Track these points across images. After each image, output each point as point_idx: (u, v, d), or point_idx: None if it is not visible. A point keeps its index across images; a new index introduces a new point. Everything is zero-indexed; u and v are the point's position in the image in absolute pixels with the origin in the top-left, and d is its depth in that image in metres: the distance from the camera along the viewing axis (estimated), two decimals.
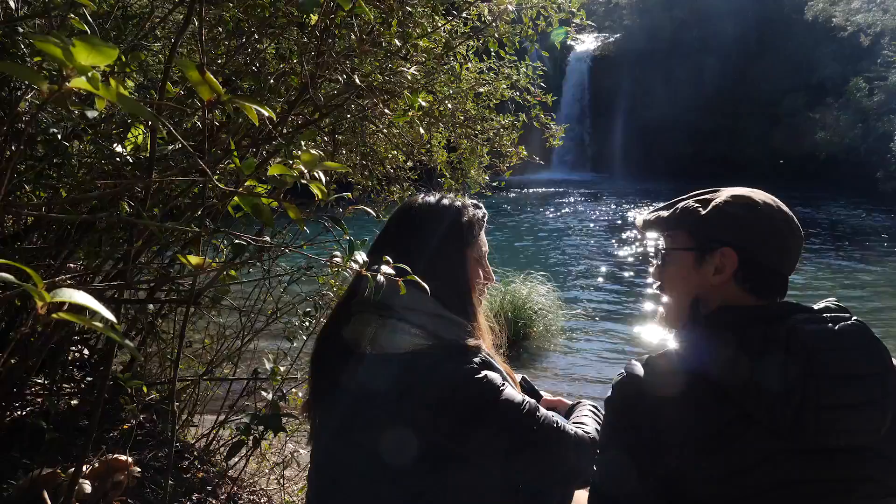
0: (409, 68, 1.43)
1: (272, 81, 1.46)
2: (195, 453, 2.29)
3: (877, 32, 19.90)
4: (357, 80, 1.20)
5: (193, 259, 1.10)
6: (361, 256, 0.90)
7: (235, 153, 0.99)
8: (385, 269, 0.91)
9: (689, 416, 1.08)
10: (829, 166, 20.83)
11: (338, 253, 0.91)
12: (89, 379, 2.39)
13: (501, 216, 16.17)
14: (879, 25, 19.86)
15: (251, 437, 1.52)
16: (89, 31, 0.93)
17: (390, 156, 2.81)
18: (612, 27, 26.81)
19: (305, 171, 0.81)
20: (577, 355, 6.41)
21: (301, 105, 1.35)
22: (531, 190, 21.24)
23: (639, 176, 23.92)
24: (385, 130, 2.67)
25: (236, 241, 1.04)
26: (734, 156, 23.06)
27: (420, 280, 1.02)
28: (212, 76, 0.61)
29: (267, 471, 2.35)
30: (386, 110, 1.17)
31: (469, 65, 2.81)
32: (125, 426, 1.91)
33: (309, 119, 1.40)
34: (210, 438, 2.38)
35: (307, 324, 2.35)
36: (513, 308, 6.28)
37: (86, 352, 2.60)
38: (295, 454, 2.38)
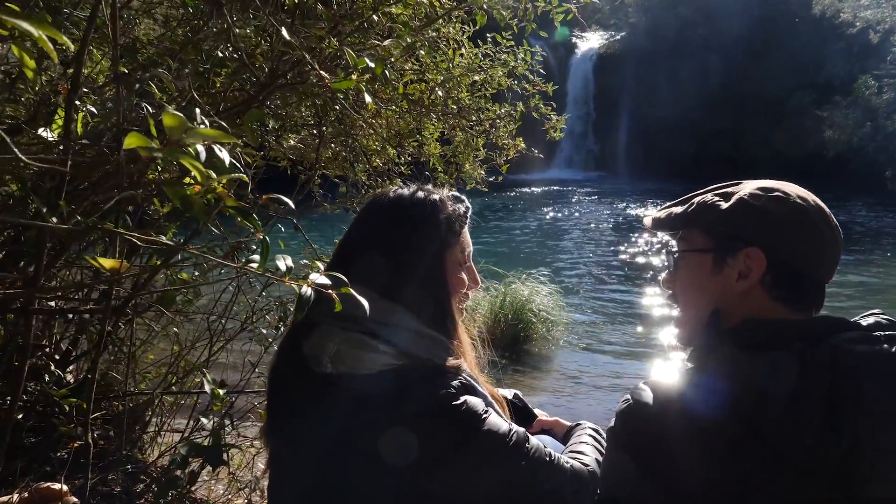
0: (381, 42, 1.24)
1: (219, 54, 1.26)
2: (153, 475, 2.09)
3: (886, 29, 19.63)
4: (286, 34, 0.99)
5: (107, 262, 0.90)
6: (285, 262, 0.70)
7: (155, 135, 0.80)
8: (316, 277, 0.70)
9: (710, 456, 0.89)
10: (836, 165, 20.52)
11: (256, 257, 0.70)
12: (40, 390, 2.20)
13: (503, 215, 16.01)
14: (889, 22, 19.60)
15: (188, 471, 1.32)
16: None
17: (377, 147, 2.61)
18: (617, 25, 26.65)
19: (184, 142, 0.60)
20: (580, 358, 6.24)
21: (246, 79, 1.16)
22: (533, 188, 21.16)
23: (642, 175, 23.79)
24: (371, 120, 2.48)
25: (157, 245, 0.85)
26: (739, 155, 22.79)
27: (378, 291, 0.83)
28: None
29: (231, 495, 2.15)
30: (323, 72, 0.97)
31: (462, 50, 2.63)
32: (73, 445, 1.73)
33: (251, 95, 1.20)
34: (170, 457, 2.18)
35: (278, 330, 2.15)
36: (513, 309, 6.14)
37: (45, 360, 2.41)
38: (265, 476, 2.19)
